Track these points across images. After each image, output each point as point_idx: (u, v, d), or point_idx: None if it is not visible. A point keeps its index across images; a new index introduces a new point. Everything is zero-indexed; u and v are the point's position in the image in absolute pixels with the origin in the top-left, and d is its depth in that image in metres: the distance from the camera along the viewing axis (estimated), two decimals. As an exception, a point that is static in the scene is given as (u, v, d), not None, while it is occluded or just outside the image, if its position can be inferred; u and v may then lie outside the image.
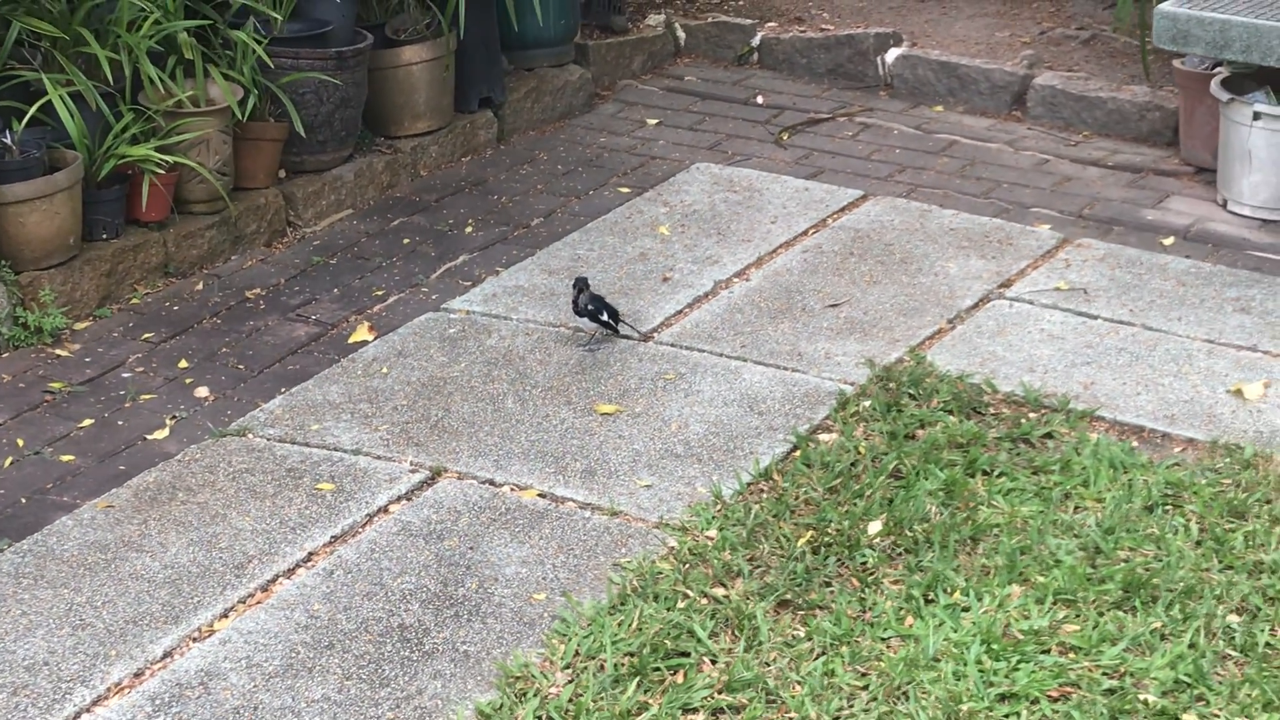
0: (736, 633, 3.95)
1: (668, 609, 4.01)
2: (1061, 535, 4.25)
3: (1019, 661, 3.81)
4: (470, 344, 5.29)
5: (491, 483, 4.58)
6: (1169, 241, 5.99)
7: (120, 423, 4.96)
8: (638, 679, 3.78)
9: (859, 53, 7.50)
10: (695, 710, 3.72)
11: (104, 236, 5.63)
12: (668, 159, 6.77)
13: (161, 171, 5.63)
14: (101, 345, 5.39)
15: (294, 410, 4.95)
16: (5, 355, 5.29)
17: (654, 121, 7.17)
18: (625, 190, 6.47)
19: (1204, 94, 6.32)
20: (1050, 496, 4.42)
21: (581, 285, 5.25)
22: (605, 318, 5.25)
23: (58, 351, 5.33)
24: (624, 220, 6.18)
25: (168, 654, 3.92)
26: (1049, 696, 3.72)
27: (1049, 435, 4.74)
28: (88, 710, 3.73)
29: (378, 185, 6.44)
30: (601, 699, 3.73)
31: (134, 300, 5.66)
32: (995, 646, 3.85)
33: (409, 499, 4.51)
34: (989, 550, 4.20)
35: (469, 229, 6.18)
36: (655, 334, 5.36)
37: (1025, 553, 4.18)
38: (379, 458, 4.69)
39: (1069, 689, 3.74)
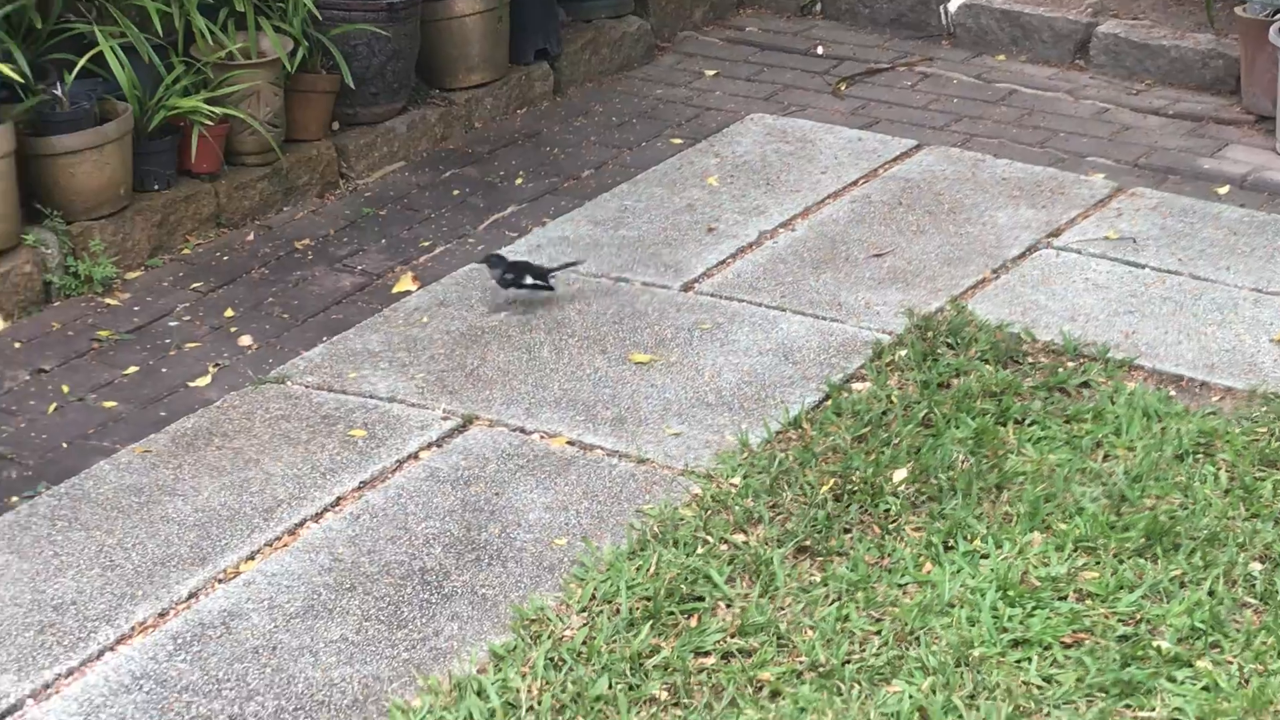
0: (753, 578, 3.96)
1: (686, 554, 4.02)
2: (1088, 483, 4.22)
3: (1034, 608, 3.79)
4: (511, 294, 5.32)
5: (522, 430, 4.61)
6: (1224, 190, 5.90)
7: (164, 370, 5.03)
8: (651, 622, 3.80)
9: (921, 1, 7.43)
10: (707, 653, 3.74)
11: (155, 188, 5.70)
12: (723, 110, 6.75)
13: (211, 123, 5.70)
14: (150, 294, 5.46)
15: (333, 358, 5.00)
16: (56, 304, 5.38)
17: (712, 73, 7.15)
18: (678, 142, 6.46)
19: (1264, 41, 6.21)
20: (1080, 445, 4.38)
21: (493, 262, 5.22)
22: (531, 280, 5.19)
23: (107, 301, 5.41)
24: (673, 171, 6.18)
25: (192, 595, 3.99)
26: (1061, 642, 3.70)
27: (1085, 384, 4.70)
28: (110, 649, 3.80)
29: (430, 137, 6.48)
30: (614, 641, 3.75)
31: (185, 250, 5.73)
32: (1011, 593, 3.83)
33: (439, 446, 4.55)
34: (1013, 498, 4.18)
35: (519, 181, 6.20)
36: (696, 284, 5.36)
37: (1049, 500, 4.15)
38: (413, 405, 4.73)
39: (1082, 635, 3.72)
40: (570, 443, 4.55)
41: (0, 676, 3.68)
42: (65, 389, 4.93)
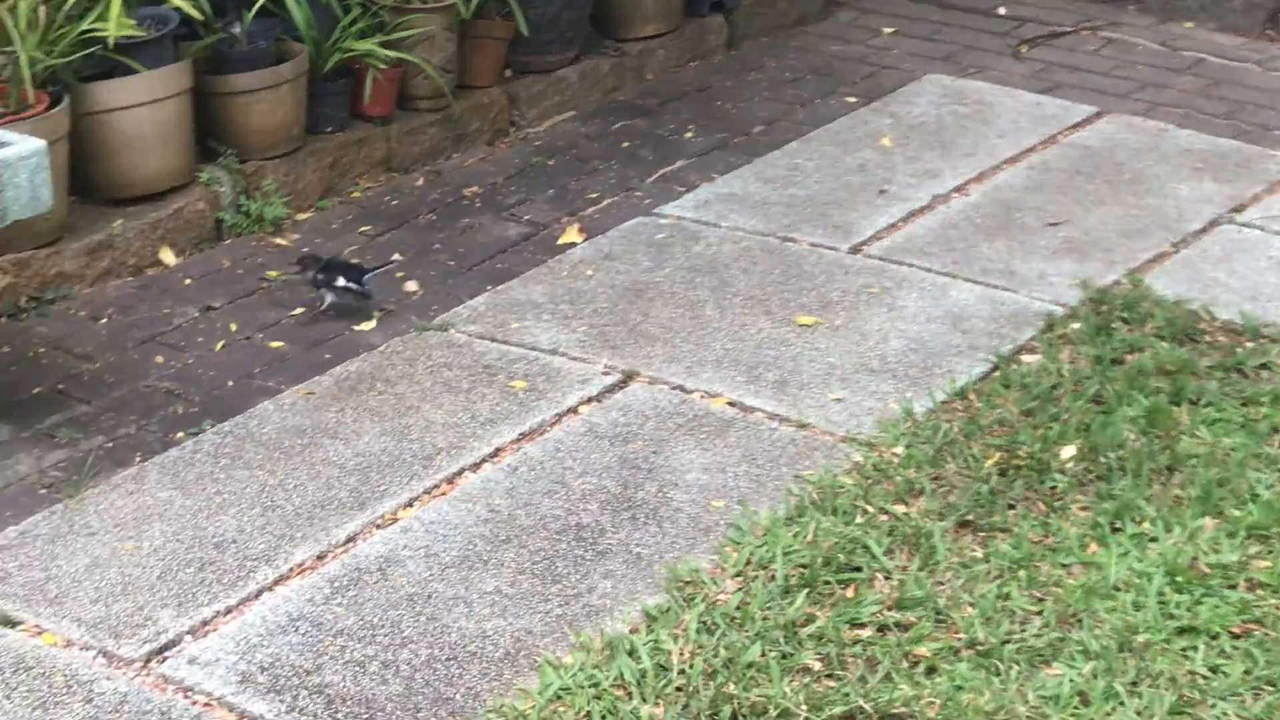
0: (912, 551, 3.88)
1: (845, 523, 3.96)
2: (1264, 469, 4.08)
3: (1202, 595, 3.68)
4: (676, 249, 5.27)
5: (682, 389, 4.56)
6: None
7: (328, 313, 5.06)
8: (807, 590, 3.75)
9: (1108, -36, 7.25)
10: (863, 625, 3.68)
11: (328, 130, 5.73)
12: (899, 69, 6.63)
13: (385, 67, 5.71)
14: (319, 236, 5.50)
15: (497, 308, 5.00)
16: (227, 242, 5.43)
17: (889, 30, 7.03)
18: (852, 100, 6.37)
19: None
20: (1257, 429, 4.24)
21: (307, 263, 4.98)
22: (343, 283, 4.92)
23: (277, 241, 5.46)
24: (846, 130, 6.08)
25: (350, 539, 4.01)
26: (1230, 632, 3.58)
27: (1264, 366, 4.55)
28: (269, 589, 3.83)
29: (602, 88, 6.44)
30: (769, 608, 3.71)
31: (355, 194, 5.76)
32: (1179, 579, 3.72)
33: (599, 401, 4.52)
34: (1184, 481, 4.05)
35: (689, 134, 6.15)
36: (864, 247, 5.28)
37: (1222, 485, 4.02)
38: (574, 358, 4.71)
39: (1252, 625, 3.60)
40: (731, 404, 4.50)
41: (161, 611, 3.73)
42: (233, 327, 4.98)
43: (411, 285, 5.20)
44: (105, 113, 5.15)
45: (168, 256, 5.29)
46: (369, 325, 4.97)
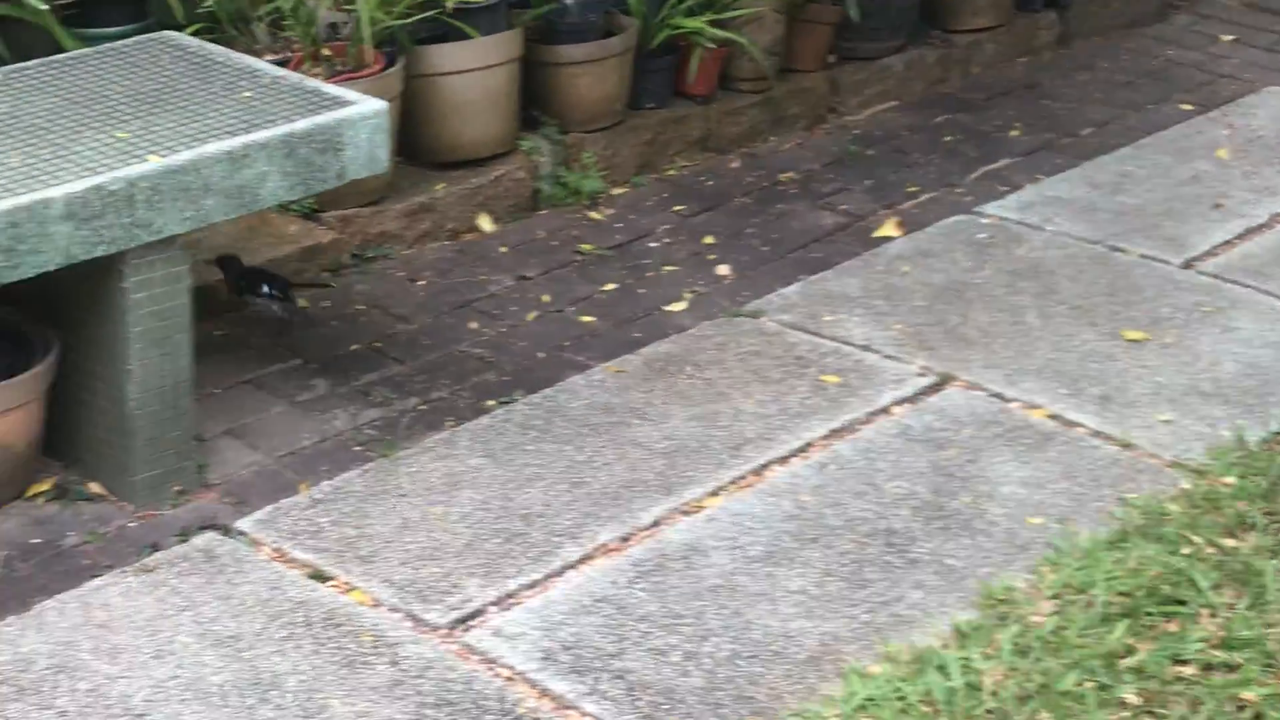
0: (1241, 588, 3.69)
1: (1170, 553, 3.78)
2: None
3: None
4: (998, 251, 5.12)
5: (1000, 396, 4.42)
6: None
7: (641, 291, 5.03)
8: (1128, 621, 3.58)
9: None
10: (1186, 662, 3.50)
11: (649, 106, 5.70)
12: (1238, 79, 6.36)
13: (712, 46, 5.65)
14: (633, 213, 5.47)
15: (809, 298, 4.91)
16: (543, 212, 5.44)
17: (1228, 38, 6.75)
18: (1186, 108, 6.12)
19: None
20: None
21: (226, 264, 4.58)
22: (269, 290, 4.56)
23: (591, 214, 5.44)
24: (1180, 139, 5.84)
25: (655, 523, 3.96)
26: None
27: None
28: (573, 567, 3.80)
29: (926, 79, 6.30)
30: (1087, 635, 3.55)
31: (670, 172, 5.72)
32: None
33: (913, 402, 4.40)
34: None
35: (1014, 133, 5.98)
36: (1197, 262, 5.05)
37: None
38: (887, 357, 4.60)
39: None
40: (1051, 416, 4.34)
41: (468, 580, 3.73)
42: (545, 298, 4.97)
43: (723, 269, 5.14)
44: (437, 76, 5.18)
45: (485, 223, 5.31)
46: (679, 306, 4.93)
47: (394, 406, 4.41)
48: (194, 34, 4.59)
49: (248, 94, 4.12)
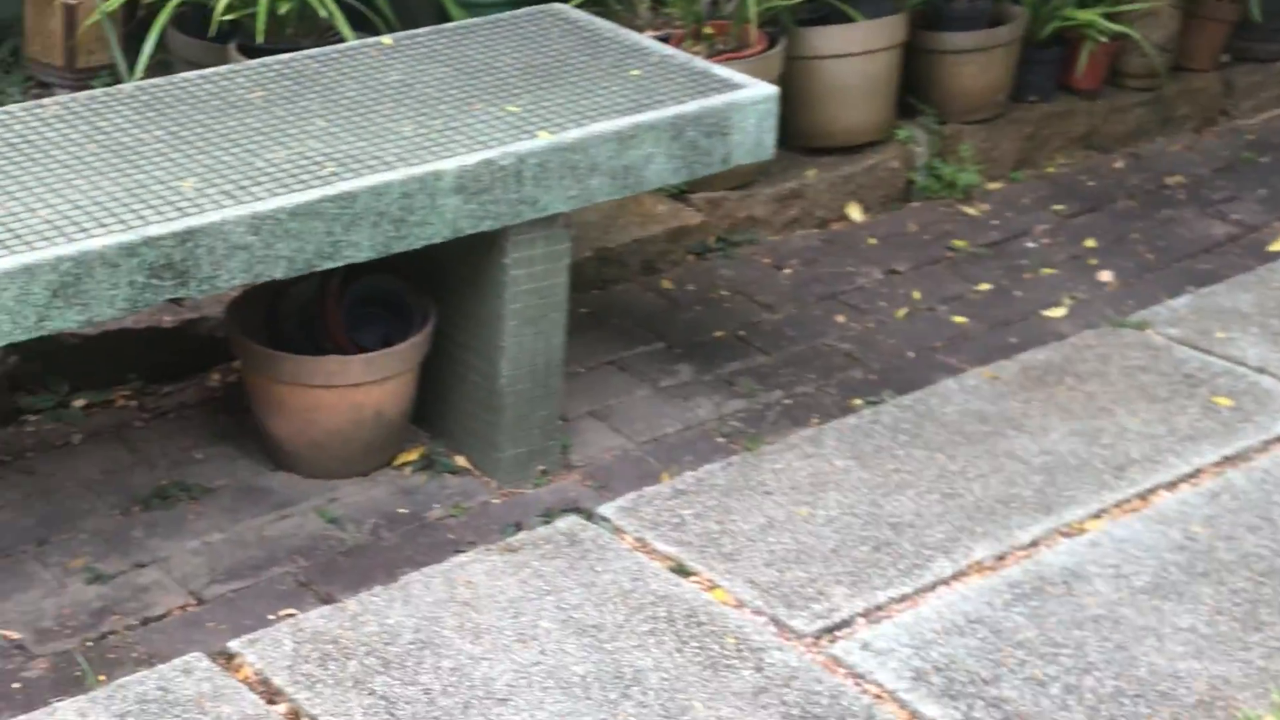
0: None
1: None
2: None
3: None
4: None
5: None
6: None
7: (1016, 293, 4.81)
8: None
9: None
10: None
11: (1032, 99, 5.47)
12: None
13: (1104, 39, 5.38)
14: (1009, 210, 5.25)
15: (1199, 313, 4.63)
16: (915, 204, 5.25)
17: None
18: None
19: None
20: None
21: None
22: None
23: (965, 209, 5.24)
24: None
25: (1034, 543, 3.75)
26: None
27: None
28: (945, 583, 3.63)
29: (1329, 84, 5.93)
30: None
31: (1049, 169, 5.48)
32: None
33: (1314, 433, 4.11)
34: None
35: None
36: None
37: None
38: (1287, 381, 4.31)
39: None
40: None
41: (835, 588, 3.59)
42: (916, 295, 4.80)
43: (1105, 275, 4.89)
44: (816, 59, 5.04)
45: (854, 212, 5.16)
46: (1058, 312, 4.70)
47: (758, 399, 4.29)
48: (579, 6, 4.53)
49: (636, 72, 4.04)
